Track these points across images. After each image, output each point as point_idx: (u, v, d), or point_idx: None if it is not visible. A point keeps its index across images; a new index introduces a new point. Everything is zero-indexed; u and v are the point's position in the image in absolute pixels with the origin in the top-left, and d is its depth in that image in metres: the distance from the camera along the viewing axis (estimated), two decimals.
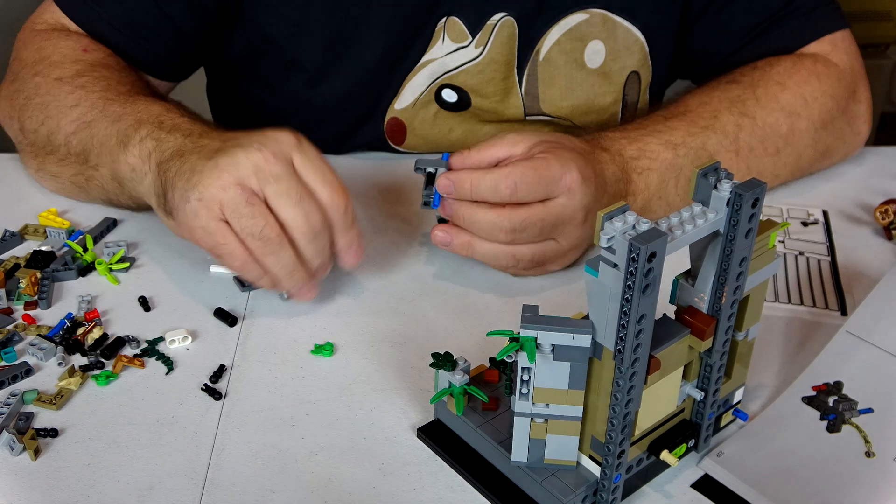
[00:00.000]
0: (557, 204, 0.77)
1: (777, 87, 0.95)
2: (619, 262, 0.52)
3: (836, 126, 0.98)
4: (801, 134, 0.95)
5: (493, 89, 0.99)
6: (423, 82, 0.99)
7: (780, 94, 0.94)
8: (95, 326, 0.76)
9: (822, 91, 0.96)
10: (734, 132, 0.91)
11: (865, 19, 2.10)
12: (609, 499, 0.60)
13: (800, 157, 0.96)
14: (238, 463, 0.65)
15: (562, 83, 1.00)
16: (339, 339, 0.77)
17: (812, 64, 0.98)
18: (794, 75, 0.96)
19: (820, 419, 0.68)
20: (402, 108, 1.01)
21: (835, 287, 0.84)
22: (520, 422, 0.60)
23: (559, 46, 0.98)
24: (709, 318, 0.60)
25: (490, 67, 0.98)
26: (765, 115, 0.93)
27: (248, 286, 0.82)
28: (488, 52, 0.97)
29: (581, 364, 0.57)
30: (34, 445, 0.65)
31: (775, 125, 0.93)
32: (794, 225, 0.92)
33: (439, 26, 0.96)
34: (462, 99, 1.00)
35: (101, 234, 0.88)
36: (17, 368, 0.72)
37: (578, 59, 0.99)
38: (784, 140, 0.94)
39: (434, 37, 0.97)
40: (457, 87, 0.99)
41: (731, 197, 0.56)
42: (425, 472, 0.65)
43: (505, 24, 0.97)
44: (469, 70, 0.98)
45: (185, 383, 0.72)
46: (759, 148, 0.92)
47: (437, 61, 0.98)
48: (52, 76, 0.89)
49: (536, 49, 0.99)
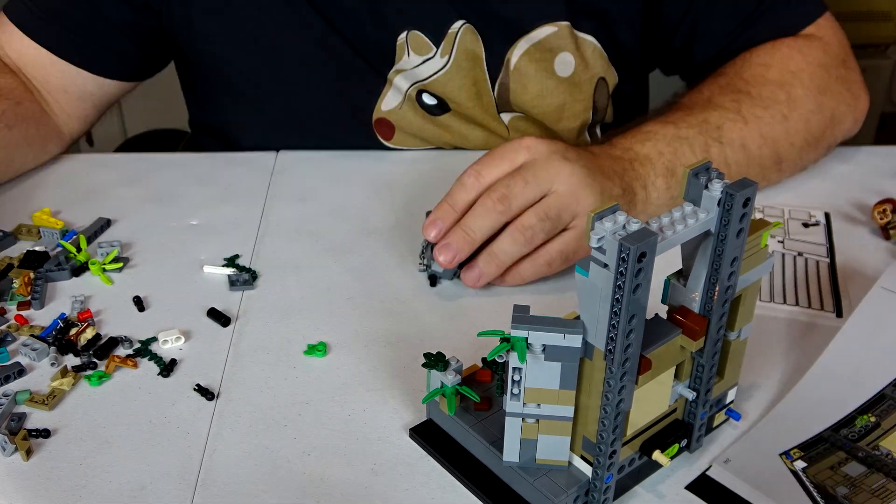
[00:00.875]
0: (528, 163, 0.78)
1: (761, 67, 0.96)
2: (610, 262, 0.52)
3: (834, 91, 0.98)
4: (801, 99, 0.94)
5: (466, 95, 1.00)
6: (402, 86, 1.00)
7: (766, 73, 0.95)
8: (88, 327, 0.76)
9: (807, 62, 0.97)
10: (734, 106, 0.91)
11: (865, 19, 2.10)
12: (601, 499, 0.60)
13: (808, 122, 0.95)
14: (230, 463, 0.65)
15: (533, 91, 1.01)
16: (331, 340, 0.76)
17: (792, 41, 0.99)
18: (775, 54, 0.97)
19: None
20: (389, 110, 1.01)
21: (832, 289, 0.83)
22: (511, 422, 0.60)
23: (529, 56, 0.99)
24: (701, 317, 0.60)
25: (459, 75, 0.99)
26: (759, 90, 0.93)
27: (240, 286, 0.82)
28: (454, 61, 0.98)
29: (572, 364, 0.57)
30: (26, 446, 0.65)
31: (772, 95, 0.93)
32: (795, 226, 0.91)
33: (400, 40, 0.97)
34: (441, 102, 1.01)
35: (95, 235, 0.88)
36: (10, 369, 0.71)
37: (549, 68, 1.00)
38: (787, 106, 0.93)
39: (398, 50, 0.98)
40: (434, 95, 1.00)
41: (722, 196, 0.56)
42: (417, 472, 0.65)
43: (466, 31, 0.97)
44: (440, 80, 0.99)
45: (178, 383, 0.72)
46: (765, 116, 0.92)
47: (409, 71, 0.99)
48: None
49: (507, 58, 0.99)
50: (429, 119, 1.02)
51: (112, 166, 1.02)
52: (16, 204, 0.93)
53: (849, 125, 1.01)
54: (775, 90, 0.94)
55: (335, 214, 0.93)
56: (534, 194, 0.77)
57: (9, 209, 0.92)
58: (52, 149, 1.01)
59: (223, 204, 0.94)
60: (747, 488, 0.63)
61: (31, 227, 0.88)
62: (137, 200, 0.94)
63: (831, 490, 0.63)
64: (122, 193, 0.95)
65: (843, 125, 1.00)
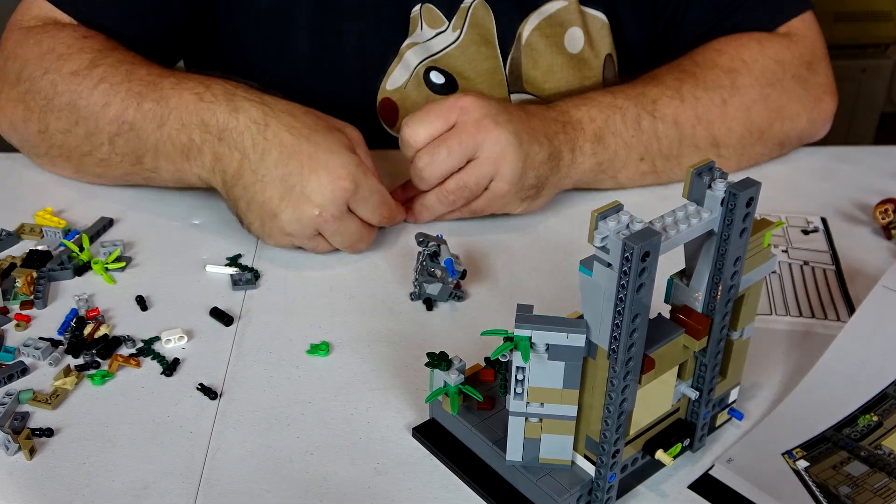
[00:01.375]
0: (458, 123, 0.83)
1: (714, 52, 0.97)
2: (613, 261, 0.52)
3: (786, 87, 0.98)
4: (745, 88, 0.96)
5: (477, 71, 1.01)
6: (412, 61, 1.00)
7: (717, 58, 0.97)
8: (101, 325, 0.76)
9: (763, 54, 0.97)
10: (675, 84, 0.93)
11: (865, 19, 2.10)
12: (604, 498, 0.60)
13: (749, 111, 0.96)
14: (233, 462, 0.65)
15: (544, 66, 1.02)
16: (334, 339, 0.77)
17: (755, 34, 0.99)
18: (731, 42, 0.98)
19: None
20: (394, 89, 1.02)
21: (843, 296, 0.83)
22: (514, 421, 0.60)
23: (540, 31, 1.00)
24: (703, 317, 0.60)
25: (470, 49, 1.00)
26: (704, 73, 0.95)
27: (243, 285, 0.82)
28: (466, 35, 0.99)
29: (575, 363, 0.57)
30: (29, 445, 0.65)
31: (716, 80, 0.95)
32: (795, 234, 0.91)
33: (414, 13, 0.98)
34: (450, 80, 1.01)
35: (98, 234, 0.88)
36: (13, 368, 0.72)
37: (559, 43, 1.01)
38: (728, 91, 0.95)
39: (412, 23, 0.99)
40: (443, 70, 1.01)
41: (725, 196, 0.56)
42: (420, 471, 0.65)
43: (478, 7, 0.98)
44: (451, 53, 1.00)
45: (181, 383, 0.72)
46: (703, 97, 0.94)
47: (421, 45, 0.99)
48: (66, 70, 0.87)
49: (519, 33, 1.00)
50: (434, 97, 1.02)
51: None
52: (18, 203, 0.92)
53: (803, 124, 1.00)
54: (720, 75, 0.95)
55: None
56: (458, 161, 0.84)
57: (11, 209, 0.92)
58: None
59: (225, 203, 0.94)
60: (750, 488, 0.63)
61: (34, 227, 0.88)
62: (139, 200, 0.94)
63: (834, 489, 0.63)
64: (125, 192, 0.95)
65: (795, 123, 1.00)
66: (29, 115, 0.90)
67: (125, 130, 0.85)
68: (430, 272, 0.79)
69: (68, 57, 0.88)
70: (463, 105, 0.83)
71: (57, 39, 0.90)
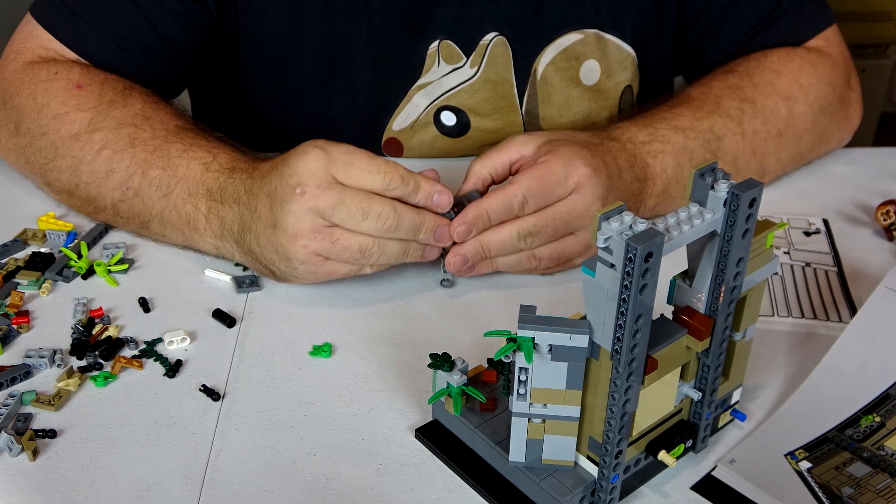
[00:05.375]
0: (569, 201, 0.78)
1: (773, 74, 0.96)
2: (617, 262, 0.52)
3: (832, 111, 0.99)
4: (800, 117, 0.96)
5: (491, 108, 0.99)
6: (421, 103, 0.99)
7: (776, 81, 0.96)
8: (109, 326, 0.77)
9: (817, 77, 0.98)
10: (738, 115, 0.92)
11: (865, 19, 2.10)
12: (607, 499, 0.60)
13: (799, 140, 0.96)
14: (236, 463, 0.65)
15: (559, 101, 1.01)
16: (337, 340, 0.77)
17: (806, 53, 0.99)
18: (788, 63, 0.97)
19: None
20: (400, 130, 1.00)
21: (845, 298, 0.83)
22: (517, 422, 0.60)
23: (555, 65, 0.99)
24: (706, 318, 0.60)
25: (486, 86, 0.98)
26: (764, 100, 0.94)
27: (246, 287, 0.82)
28: (483, 72, 0.98)
29: (578, 364, 0.57)
30: (32, 446, 0.65)
31: (774, 108, 0.94)
32: (797, 235, 0.91)
33: (432, 49, 0.97)
34: (461, 121, 1.00)
35: (95, 240, 0.88)
36: (17, 370, 0.71)
37: (574, 76, 1.00)
38: (785, 122, 0.95)
39: (428, 59, 0.97)
40: (456, 109, 0.99)
41: (728, 197, 0.56)
42: (423, 472, 0.65)
43: (497, 44, 0.97)
44: (466, 90, 0.98)
45: (184, 384, 0.72)
46: (762, 130, 0.93)
47: (435, 83, 0.98)
48: (65, 133, 0.85)
49: (534, 68, 0.99)
50: (443, 140, 1.01)
51: None
52: (19, 209, 0.92)
53: (833, 144, 1.03)
54: (779, 103, 0.95)
55: None
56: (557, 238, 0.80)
57: (12, 214, 0.91)
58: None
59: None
60: (752, 489, 0.63)
61: (37, 232, 0.88)
62: None
63: (836, 490, 0.63)
64: None
65: (829, 145, 1.02)
66: (31, 170, 0.90)
67: (129, 197, 0.83)
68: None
69: (64, 118, 0.86)
70: (578, 183, 0.78)
71: (51, 94, 0.87)
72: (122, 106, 0.86)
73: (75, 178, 0.85)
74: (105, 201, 0.85)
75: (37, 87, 0.88)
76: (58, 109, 0.86)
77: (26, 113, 0.88)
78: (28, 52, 0.91)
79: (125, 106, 0.86)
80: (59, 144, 0.86)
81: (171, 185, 0.81)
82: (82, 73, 0.88)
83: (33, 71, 0.89)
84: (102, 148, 0.84)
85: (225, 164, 0.81)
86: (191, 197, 0.81)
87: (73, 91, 0.87)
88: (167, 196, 0.81)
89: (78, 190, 0.86)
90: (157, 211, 0.82)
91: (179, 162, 0.82)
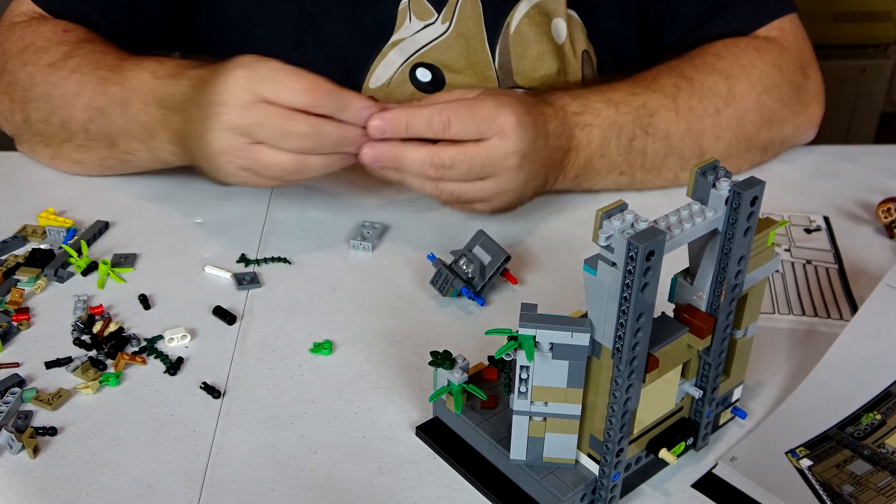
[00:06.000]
0: (489, 145, 0.80)
1: (714, 57, 0.97)
2: (618, 260, 0.52)
3: (780, 92, 0.98)
4: (741, 96, 0.95)
5: (465, 63, 1.00)
6: (395, 61, 1.00)
7: (716, 63, 0.96)
8: (110, 321, 0.76)
9: (761, 60, 0.97)
10: (673, 92, 0.93)
11: (865, 19, 2.10)
12: (608, 497, 0.60)
13: (742, 119, 0.96)
14: (237, 461, 0.65)
15: (533, 55, 1.01)
16: (337, 338, 0.77)
17: (751, 40, 1.00)
18: (731, 48, 0.98)
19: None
20: (377, 87, 1.01)
21: (846, 295, 0.83)
22: (518, 420, 0.60)
23: (529, 18, 1.00)
24: (707, 316, 0.60)
25: (458, 42, 0.99)
26: (702, 78, 0.95)
27: (246, 284, 0.82)
28: (455, 27, 0.98)
29: (579, 362, 0.57)
30: (33, 444, 0.65)
31: (713, 86, 0.95)
32: (798, 232, 0.91)
33: (402, 5, 0.98)
34: (436, 77, 1.00)
35: (94, 238, 0.88)
36: (9, 382, 0.70)
37: (546, 32, 1.01)
38: (723, 100, 0.95)
39: (399, 16, 0.98)
40: (430, 66, 1.00)
41: (729, 195, 0.56)
42: (424, 470, 0.65)
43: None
44: (438, 46, 0.99)
45: (184, 382, 0.72)
46: (698, 108, 0.94)
47: (407, 39, 0.99)
48: (43, 63, 0.90)
49: (507, 22, 1.00)
50: (419, 96, 1.01)
51: None
52: (18, 204, 0.92)
53: (789, 131, 1.01)
54: (718, 81, 0.95)
55: (340, 212, 0.93)
56: (468, 179, 0.81)
57: (12, 210, 0.91)
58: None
59: (227, 202, 0.94)
60: (753, 486, 0.63)
61: (37, 228, 0.88)
62: (141, 198, 0.94)
63: (837, 488, 0.63)
64: (126, 191, 0.95)
65: (782, 128, 1.00)
66: (13, 106, 0.94)
67: (97, 116, 0.87)
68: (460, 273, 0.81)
69: (46, 50, 0.91)
70: (502, 128, 0.79)
71: (37, 33, 0.93)
72: (99, 41, 0.92)
73: (48, 103, 0.90)
74: (76, 125, 0.89)
75: (25, 31, 0.94)
76: (41, 45, 0.92)
77: (12, 53, 0.93)
78: (19, 16, 0.97)
79: (104, 43, 0.92)
80: (35, 73, 0.90)
81: (127, 97, 0.85)
82: (69, 24, 0.95)
83: (24, 22, 0.96)
84: (73, 71, 0.89)
85: (171, 70, 0.84)
86: (146, 106, 0.84)
87: (60, 33, 0.93)
88: (127, 109, 0.85)
89: (52, 117, 0.90)
90: (120, 125, 0.86)
91: (131, 74, 0.86)
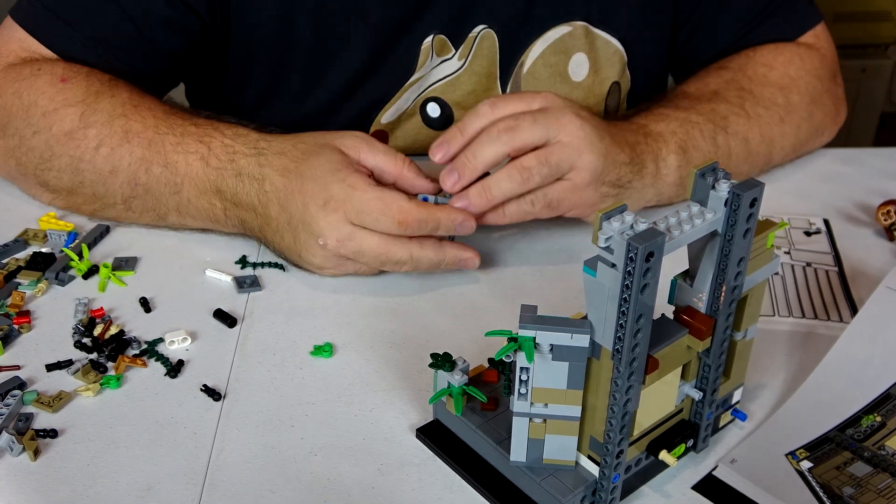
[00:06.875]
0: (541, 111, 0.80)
1: (764, 68, 0.98)
2: (618, 261, 0.52)
3: (823, 102, 1.00)
4: (796, 106, 0.97)
5: (475, 100, 0.98)
6: (409, 96, 0.99)
7: (768, 74, 0.97)
8: (111, 324, 0.77)
9: (805, 70, 0.99)
10: (739, 102, 0.93)
11: (865, 19, 2.11)
12: (608, 499, 0.60)
13: (798, 129, 0.98)
14: (237, 463, 0.65)
15: None
16: (338, 340, 0.77)
17: (794, 47, 1.01)
18: (778, 57, 0.99)
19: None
20: (387, 123, 1.00)
21: (846, 298, 0.83)
22: (518, 422, 0.60)
23: (543, 59, 0.99)
24: (707, 318, 0.60)
25: (471, 79, 0.98)
26: (760, 89, 0.96)
27: (247, 287, 0.82)
28: (469, 64, 0.98)
29: (579, 364, 0.57)
30: (34, 446, 0.65)
31: (772, 97, 0.96)
32: (798, 235, 0.91)
33: (426, 44, 0.96)
34: (445, 113, 1.00)
35: (95, 241, 0.87)
36: (10, 384, 0.71)
37: (563, 72, 1.00)
38: (784, 110, 0.96)
39: (422, 55, 0.96)
40: (441, 101, 0.99)
41: (729, 197, 0.56)
42: (424, 472, 0.65)
43: (485, 36, 0.97)
44: (451, 82, 0.98)
45: (185, 384, 0.72)
46: (765, 115, 0.94)
47: (422, 78, 0.98)
48: (57, 131, 0.85)
49: (521, 61, 0.99)
50: (426, 132, 1.01)
51: None
52: (19, 209, 0.92)
53: (826, 137, 1.04)
54: (775, 92, 0.96)
55: None
56: (540, 135, 0.79)
57: (13, 214, 0.91)
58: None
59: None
60: (753, 488, 0.63)
61: (38, 232, 0.88)
62: None
63: (837, 490, 0.63)
64: None
65: (822, 137, 1.03)
66: (23, 171, 0.89)
67: (140, 193, 0.84)
68: None
69: (54, 114, 0.85)
70: (546, 94, 0.82)
71: (37, 90, 0.86)
72: (109, 97, 0.86)
73: (78, 176, 0.85)
74: (114, 198, 0.86)
75: (21, 85, 0.87)
76: (46, 106, 0.86)
77: (13, 113, 0.87)
78: (10, 55, 0.91)
79: (112, 96, 0.86)
80: (53, 143, 0.85)
81: (178, 182, 0.83)
82: (66, 67, 0.88)
83: (15, 70, 0.89)
84: (99, 145, 0.84)
85: (221, 155, 0.82)
86: (203, 194, 0.83)
87: (59, 85, 0.86)
88: (178, 193, 0.83)
89: (82, 188, 0.86)
90: (172, 205, 0.84)
91: (177, 158, 0.83)
